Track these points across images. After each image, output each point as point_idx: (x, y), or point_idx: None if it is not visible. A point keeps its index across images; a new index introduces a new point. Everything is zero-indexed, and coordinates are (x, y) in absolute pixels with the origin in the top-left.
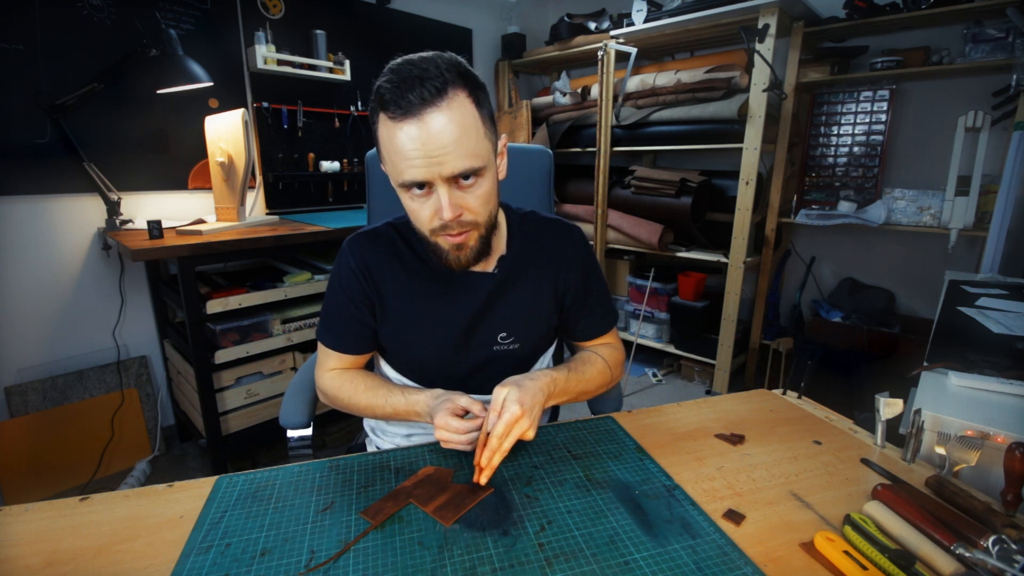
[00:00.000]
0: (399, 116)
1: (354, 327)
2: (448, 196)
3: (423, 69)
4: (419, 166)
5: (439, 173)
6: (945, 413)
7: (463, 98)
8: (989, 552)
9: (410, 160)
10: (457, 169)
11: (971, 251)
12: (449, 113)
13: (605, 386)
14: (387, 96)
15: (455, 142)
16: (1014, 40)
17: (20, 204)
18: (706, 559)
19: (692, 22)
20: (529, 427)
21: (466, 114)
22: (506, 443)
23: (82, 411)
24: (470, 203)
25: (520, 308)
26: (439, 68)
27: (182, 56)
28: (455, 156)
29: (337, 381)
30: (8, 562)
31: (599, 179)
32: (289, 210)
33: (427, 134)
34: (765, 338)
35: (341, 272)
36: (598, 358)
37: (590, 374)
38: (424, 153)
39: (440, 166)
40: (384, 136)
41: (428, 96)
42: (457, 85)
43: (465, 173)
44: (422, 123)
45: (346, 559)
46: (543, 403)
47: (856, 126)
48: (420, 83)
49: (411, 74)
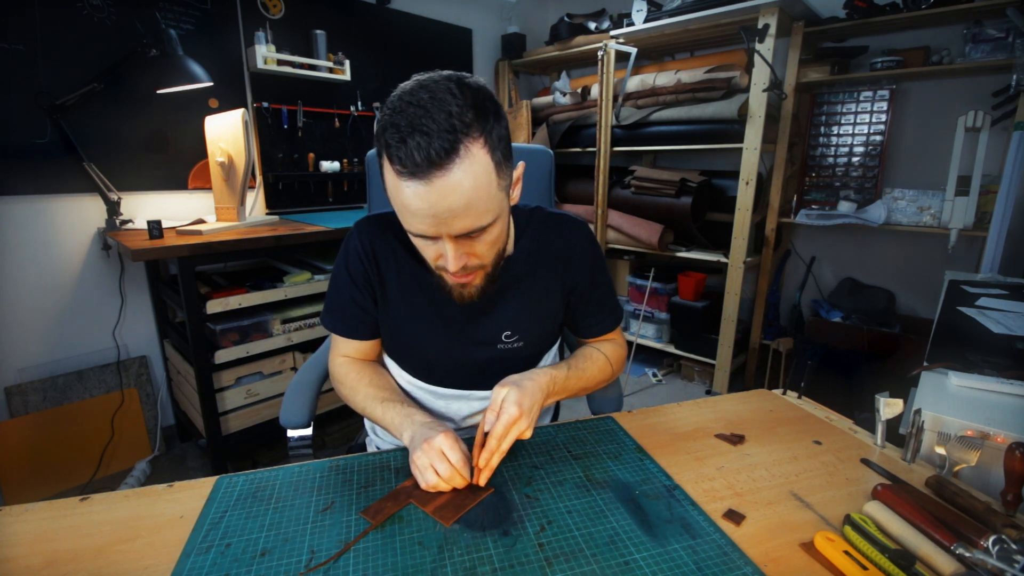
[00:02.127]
0: (406, 175)
1: (354, 311)
2: (454, 250)
3: (431, 118)
4: (426, 225)
5: (447, 231)
6: (945, 413)
7: (476, 149)
8: (989, 552)
9: (418, 218)
10: (466, 229)
11: (971, 251)
12: (460, 175)
13: (605, 382)
14: (393, 146)
15: (465, 205)
16: (1014, 40)
17: (20, 204)
18: (706, 559)
19: (692, 22)
20: (527, 428)
21: (478, 170)
22: (504, 444)
23: (82, 411)
24: (478, 250)
25: (526, 308)
26: (449, 117)
27: (182, 56)
28: (464, 218)
29: (343, 371)
30: (8, 562)
31: (599, 179)
32: (289, 210)
33: (435, 197)
34: (765, 338)
35: (348, 254)
36: (599, 354)
37: (591, 371)
38: (431, 214)
39: (448, 227)
40: (389, 184)
41: (436, 157)
42: (470, 134)
43: (474, 231)
44: (430, 186)
45: (346, 559)
46: (542, 402)
47: (856, 126)
48: (427, 139)
49: (417, 125)
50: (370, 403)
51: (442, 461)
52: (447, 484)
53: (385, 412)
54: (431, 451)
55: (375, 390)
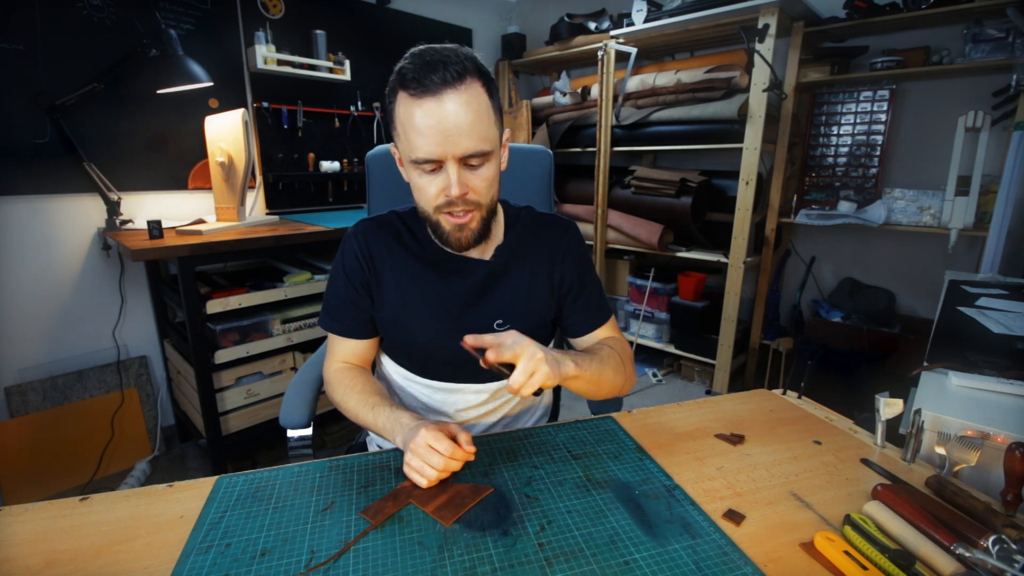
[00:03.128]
0: (419, 93)
1: (353, 311)
2: (457, 174)
3: (445, 55)
4: (434, 143)
5: (452, 152)
6: (945, 413)
7: (478, 87)
8: (989, 552)
9: (426, 137)
10: (469, 150)
11: (971, 251)
12: (466, 97)
13: (620, 374)
14: (409, 75)
15: (469, 124)
16: (1014, 40)
17: (20, 204)
18: (706, 559)
19: (692, 22)
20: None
21: (480, 102)
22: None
23: (82, 411)
24: (476, 184)
25: (515, 297)
26: (459, 57)
27: (182, 56)
28: (468, 137)
29: (337, 377)
30: (8, 562)
31: (599, 179)
32: (289, 210)
33: (444, 113)
34: (765, 338)
35: (344, 256)
36: (605, 347)
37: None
38: (440, 131)
39: (453, 145)
40: (402, 113)
41: (449, 78)
42: (474, 75)
43: (475, 154)
44: (440, 102)
45: (346, 559)
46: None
47: (856, 126)
48: (443, 66)
49: (434, 58)
50: (362, 409)
51: (432, 454)
52: (446, 472)
53: (376, 417)
54: (419, 449)
55: (366, 396)
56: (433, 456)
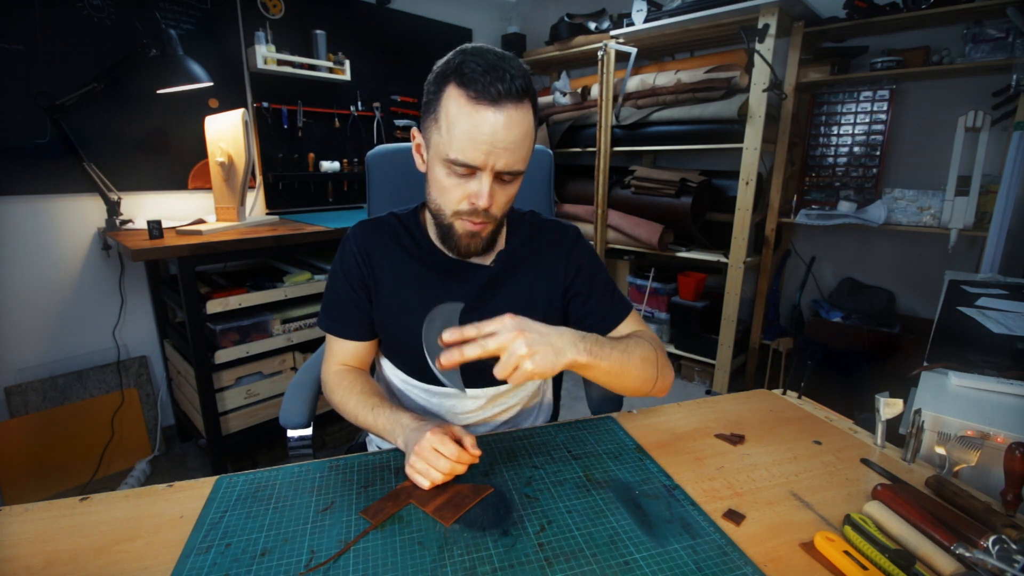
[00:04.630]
0: (479, 98)
1: (353, 313)
2: (490, 186)
3: (510, 65)
4: (480, 152)
5: (493, 163)
6: (945, 413)
7: (530, 108)
8: (989, 552)
9: (474, 143)
10: (510, 166)
11: (971, 251)
12: (522, 114)
13: (650, 366)
14: (473, 75)
15: (517, 142)
16: (1014, 40)
17: (20, 204)
18: (706, 559)
19: (692, 22)
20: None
21: (530, 122)
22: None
23: (82, 411)
24: (501, 199)
25: (516, 304)
26: (523, 72)
27: (182, 56)
28: (513, 154)
29: (335, 379)
30: (8, 562)
31: (599, 179)
32: (289, 210)
33: (501, 125)
34: (765, 338)
35: (343, 257)
36: (634, 336)
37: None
38: (490, 142)
39: (497, 158)
40: (452, 109)
41: (513, 92)
42: (530, 95)
43: (513, 172)
44: (500, 113)
45: (346, 559)
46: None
47: (856, 126)
48: (510, 77)
49: (499, 64)
50: (361, 410)
51: (438, 458)
52: (451, 475)
53: (377, 418)
54: (424, 452)
55: (365, 397)
56: (439, 460)
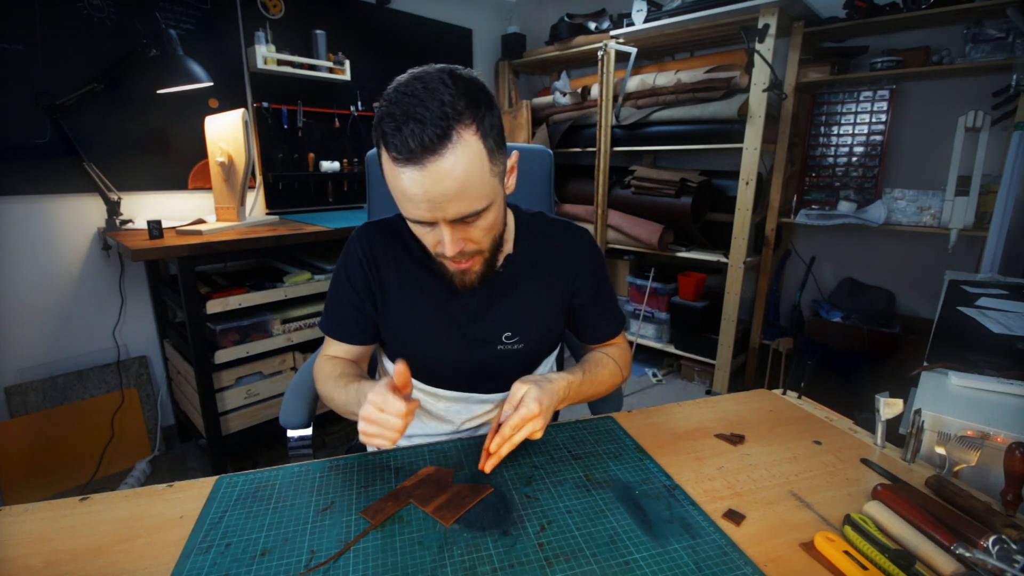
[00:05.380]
0: (399, 160)
1: (354, 316)
2: (451, 235)
3: (424, 107)
4: (423, 209)
5: (442, 216)
6: (945, 413)
7: (469, 136)
8: (989, 552)
9: (414, 203)
10: (460, 213)
11: (971, 251)
12: (452, 160)
13: (615, 387)
14: (390, 133)
15: (457, 190)
16: (1014, 40)
17: (20, 204)
18: (706, 559)
19: (692, 22)
20: (541, 427)
21: (471, 156)
22: (517, 436)
23: (82, 411)
24: (474, 235)
25: (526, 308)
26: (442, 105)
27: (182, 56)
28: (458, 202)
29: (319, 365)
30: (8, 562)
31: (599, 179)
32: (289, 210)
33: (430, 181)
34: (765, 338)
35: (348, 260)
36: (610, 360)
37: (602, 376)
38: (427, 198)
39: (443, 211)
40: (387, 172)
41: (429, 143)
42: (462, 121)
43: (467, 215)
44: (424, 171)
45: (346, 559)
46: (556, 405)
47: (856, 126)
48: (421, 127)
49: (411, 113)
50: (335, 390)
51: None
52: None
53: (347, 394)
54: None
55: (339, 378)
56: (388, 418)
